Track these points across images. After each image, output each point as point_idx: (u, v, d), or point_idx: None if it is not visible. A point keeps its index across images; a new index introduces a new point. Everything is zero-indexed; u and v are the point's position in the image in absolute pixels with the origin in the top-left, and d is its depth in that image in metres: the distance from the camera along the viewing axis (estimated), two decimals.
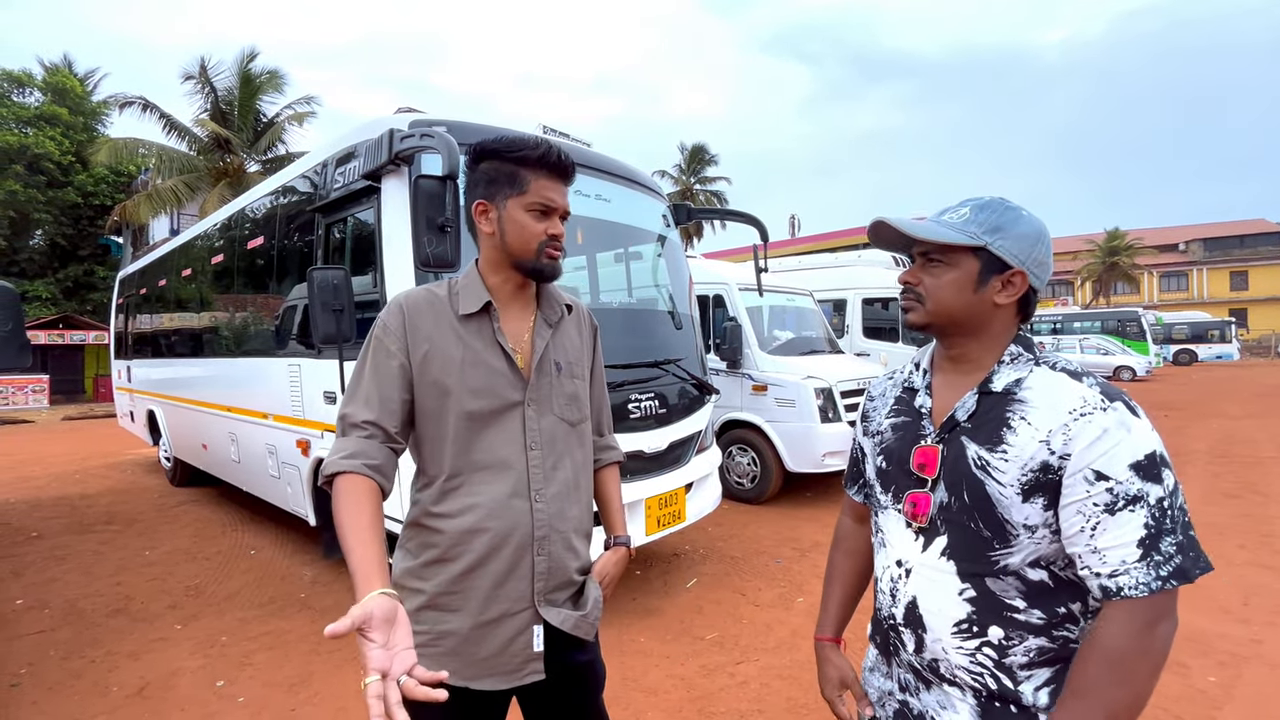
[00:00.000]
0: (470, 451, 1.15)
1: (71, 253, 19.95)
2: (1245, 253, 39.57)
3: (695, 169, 30.96)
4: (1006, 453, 0.87)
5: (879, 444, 1.06)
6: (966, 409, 0.93)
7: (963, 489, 0.90)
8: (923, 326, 0.97)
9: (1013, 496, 0.86)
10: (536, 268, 1.18)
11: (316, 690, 2.72)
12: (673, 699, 2.61)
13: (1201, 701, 2.52)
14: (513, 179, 1.15)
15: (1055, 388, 0.88)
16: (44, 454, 9.66)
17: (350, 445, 1.09)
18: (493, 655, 1.13)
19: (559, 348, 1.25)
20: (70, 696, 2.71)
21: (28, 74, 19.77)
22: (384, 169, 2.98)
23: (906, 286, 0.98)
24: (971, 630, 0.89)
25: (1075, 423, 0.83)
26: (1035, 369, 0.91)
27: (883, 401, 1.10)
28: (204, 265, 5.63)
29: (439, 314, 1.17)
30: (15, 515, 5.88)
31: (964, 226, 0.92)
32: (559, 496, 1.20)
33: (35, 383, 17.61)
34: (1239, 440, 8.69)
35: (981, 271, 0.91)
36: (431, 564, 1.14)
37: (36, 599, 3.82)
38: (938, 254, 0.93)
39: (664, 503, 3.45)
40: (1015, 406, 0.89)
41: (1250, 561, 4.06)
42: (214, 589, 3.95)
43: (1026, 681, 0.87)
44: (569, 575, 1.21)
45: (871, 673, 1.09)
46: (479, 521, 1.13)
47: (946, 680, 0.93)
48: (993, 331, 0.94)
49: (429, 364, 1.14)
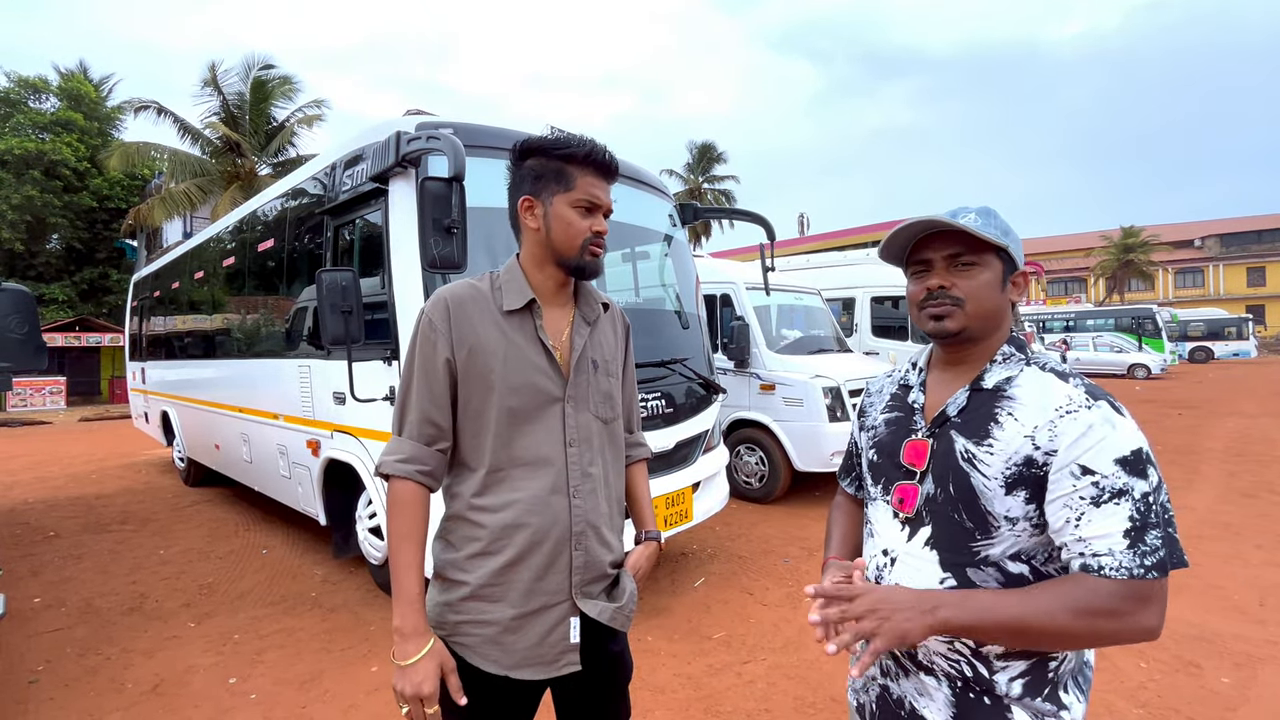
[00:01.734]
0: (511, 446, 1.16)
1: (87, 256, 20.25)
2: (1263, 248, 38.98)
3: (703, 167, 30.91)
4: (992, 446, 0.90)
5: (873, 438, 1.10)
6: (958, 404, 0.97)
7: (949, 481, 0.93)
8: (958, 332, 0.96)
9: (996, 489, 0.89)
10: (579, 264, 1.19)
11: (327, 688, 2.75)
12: (680, 698, 2.62)
13: (1215, 703, 2.49)
14: (559, 175, 1.16)
15: (1043, 386, 0.91)
16: (61, 454, 9.80)
17: (405, 448, 1.15)
18: (532, 646, 1.16)
19: (596, 346, 1.27)
20: (86, 693, 2.76)
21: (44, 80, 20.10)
22: (391, 171, 3.00)
23: (940, 291, 0.95)
24: None
25: (1061, 419, 0.86)
26: (1026, 368, 0.95)
27: (879, 398, 1.14)
28: (215, 268, 5.70)
29: (483, 309, 1.18)
30: (33, 515, 5.98)
31: (987, 229, 0.93)
32: (594, 493, 1.22)
33: (53, 384, 17.90)
34: (1256, 439, 8.56)
35: (1004, 272, 0.96)
36: (474, 556, 1.16)
37: (54, 597, 3.88)
38: (970, 256, 0.94)
39: (671, 502, 3.45)
40: (1004, 403, 0.92)
41: (1267, 561, 4.00)
42: (227, 587, 3.99)
43: (1001, 672, 0.90)
44: (604, 569, 1.24)
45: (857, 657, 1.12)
46: (520, 517, 1.15)
47: (924, 668, 0.96)
48: (1002, 331, 0.98)
49: (474, 359, 1.15)
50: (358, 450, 3.43)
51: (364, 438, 3.37)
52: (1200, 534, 4.59)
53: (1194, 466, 6.93)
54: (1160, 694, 2.56)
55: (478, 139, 2.95)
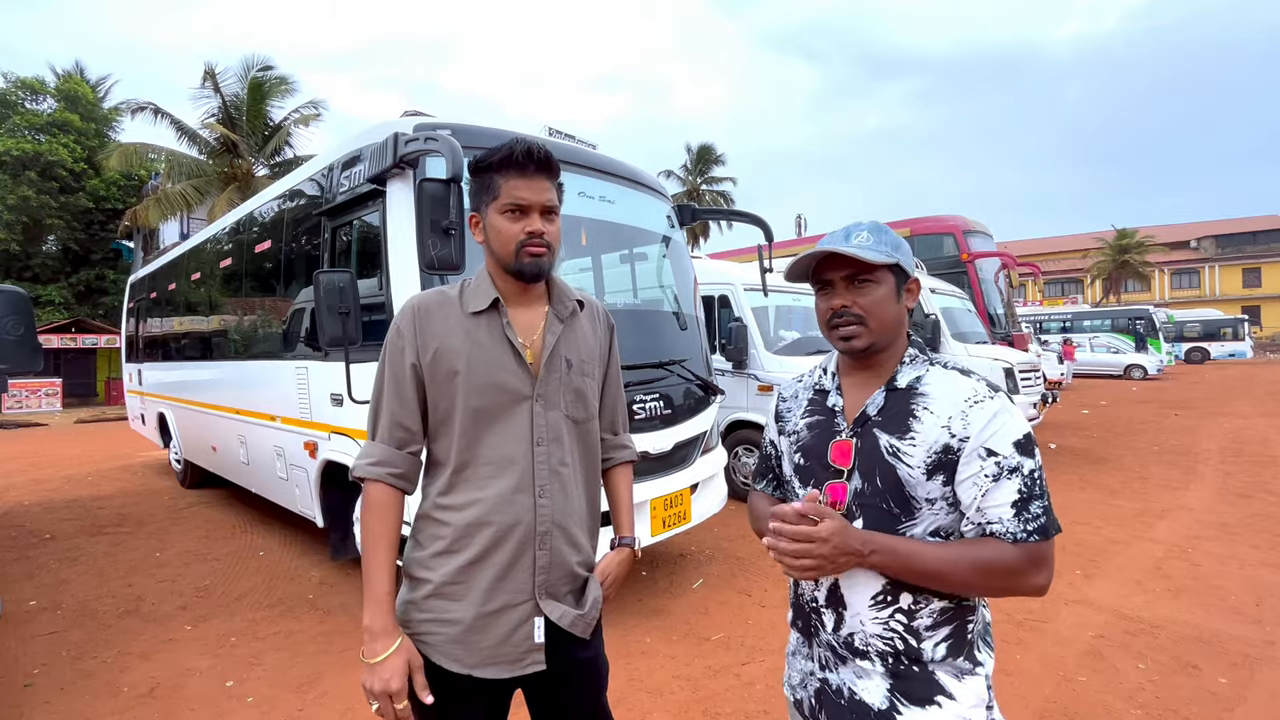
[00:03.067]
0: (477, 446, 1.18)
1: (84, 257, 20.17)
2: (1258, 249, 39.10)
3: (702, 169, 30.93)
4: (914, 439, 1.00)
5: (795, 442, 1.16)
6: (876, 404, 1.06)
7: (876, 475, 1.03)
8: (866, 348, 1.05)
9: (919, 476, 0.99)
10: (517, 268, 1.19)
11: (325, 690, 2.74)
12: (678, 699, 2.61)
13: (1212, 703, 2.50)
14: (489, 186, 1.19)
15: (950, 382, 1.02)
16: (57, 457, 9.76)
17: (377, 451, 1.18)
18: (495, 645, 1.16)
19: (570, 344, 1.27)
20: (82, 696, 2.74)
21: (40, 81, 20.03)
22: (389, 172, 3.00)
23: (844, 310, 1.05)
24: (886, 600, 1.01)
25: (971, 409, 0.98)
26: (931, 368, 1.06)
27: (795, 403, 1.21)
28: (213, 269, 5.68)
29: (448, 313, 1.20)
30: (29, 517, 5.95)
31: (878, 248, 1.03)
32: (563, 493, 1.22)
33: (48, 386, 17.82)
34: (1252, 440, 8.59)
35: (896, 284, 1.06)
36: (439, 555, 1.18)
37: (49, 600, 3.86)
38: (866, 274, 1.04)
39: (669, 504, 3.45)
40: (918, 399, 1.03)
41: (1263, 562, 4.01)
42: (224, 590, 3.98)
43: (928, 640, 1.00)
44: (570, 569, 1.24)
45: (794, 656, 1.18)
46: (483, 515, 1.17)
47: (860, 654, 1.04)
48: (901, 336, 1.09)
49: (439, 361, 1.18)
50: (355, 452, 3.42)
51: (362, 439, 3.36)
52: (1197, 535, 4.60)
53: (1190, 467, 6.95)
54: (1158, 695, 2.56)
55: (476, 140, 2.95)
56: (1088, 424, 10.53)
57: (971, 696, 0.99)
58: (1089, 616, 3.30)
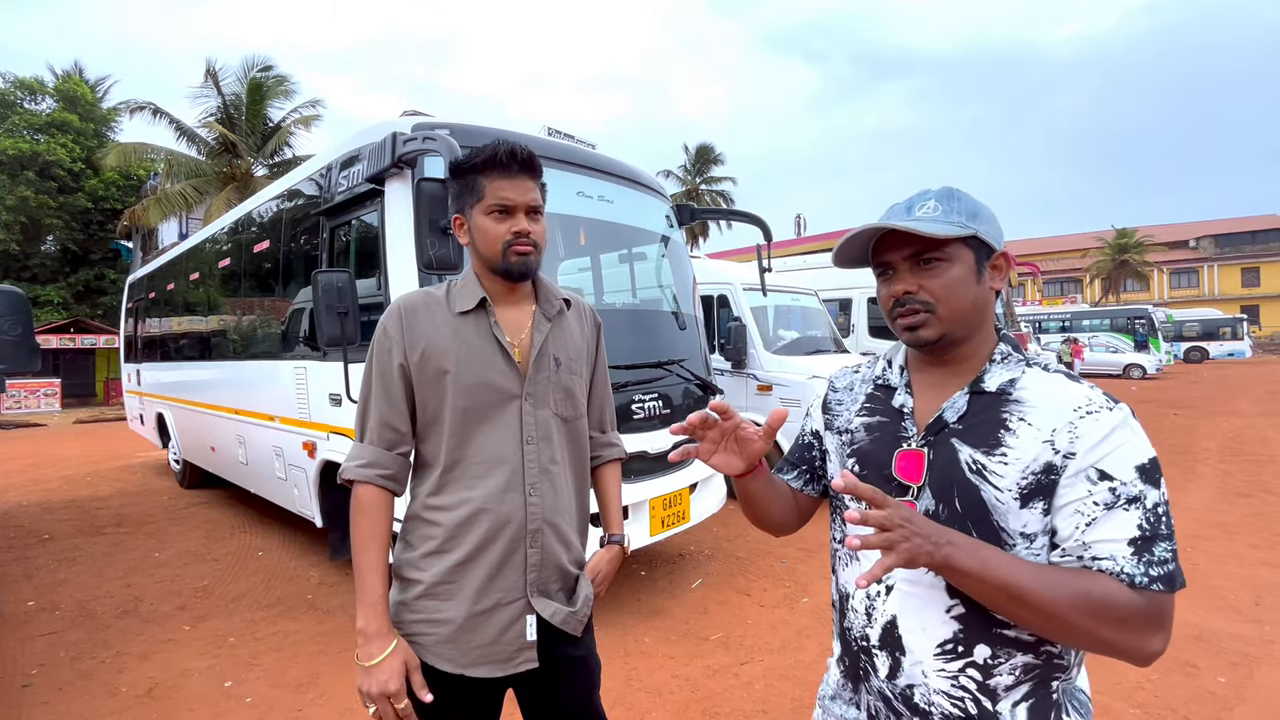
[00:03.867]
0: (466, 445, 1.18)
1: (83, 257, 20.15)
2: (1257, 249, 39.13)
3: (701, 169, 30.93)
4: (1006, 455, 0.81)
5: (848, 444, 0.98)
6: (957, 410, 0.87)
7: (954, 496, 0.84)
8: (937, 340, 0.87)
9: (1010, 502, 0.80)
10: (505, 268, 1.19)
11: (323, 690, 2.74)
12: (677, 699, 2.61)
13: (1211, 703, 2.50)
14: (473, 188, 1.19)
15: (1055, 387, 0.83)
16: (56, 457, 9.75)
17: (366, 453, 1.17)
18: (487, 644, 1.16)
19: (558, 342, 1.27)
20: (80, 697, 2.74)
21: (39, 81, 20.01)
22: (387, 172, 3.00)
23: (907, 298, 0.87)
24: (957, 650, 0.83)
25: (1082, 420, 0.78)
26: (1028, 369, 0.86)
27: (850, 396, 1.03)
28: (211, 269, 5.68)
29: (435, 313, 1.20)
30: (28, 518, 5.94)
31: (948, 218, 0.85)
32: (553, 491, 1.23)
33: (47, 386, 17.80)
34: (1251, 438, 8.60)
35: (977, 261, 0.87)
36: (429, 555, 1.17)
37: (48, 600, 3.86)
38: (934, 252, 0.85)
39: (668, 503, 3.45)
40: (1012, 407, 0.83)
41: (1262, 561, 4.01)
42: (222, 590, 3.98)
43: (1005, 700, 0.82)
44: (561, 567, 1.24)
45: (833, 701, 1.00)
46: (473, 514, 1.16)
47: (920, 713, 0.86)
48: (987, 324, 0.89)
49: (426, 362, 1.17)
50: None
51: None
52: (1196, 534, 4.60)
53: (1190, 466, 6.96)
54: (1157, 694, 2.56)
55: (474, 140, 2.91)
56: None
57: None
58: None
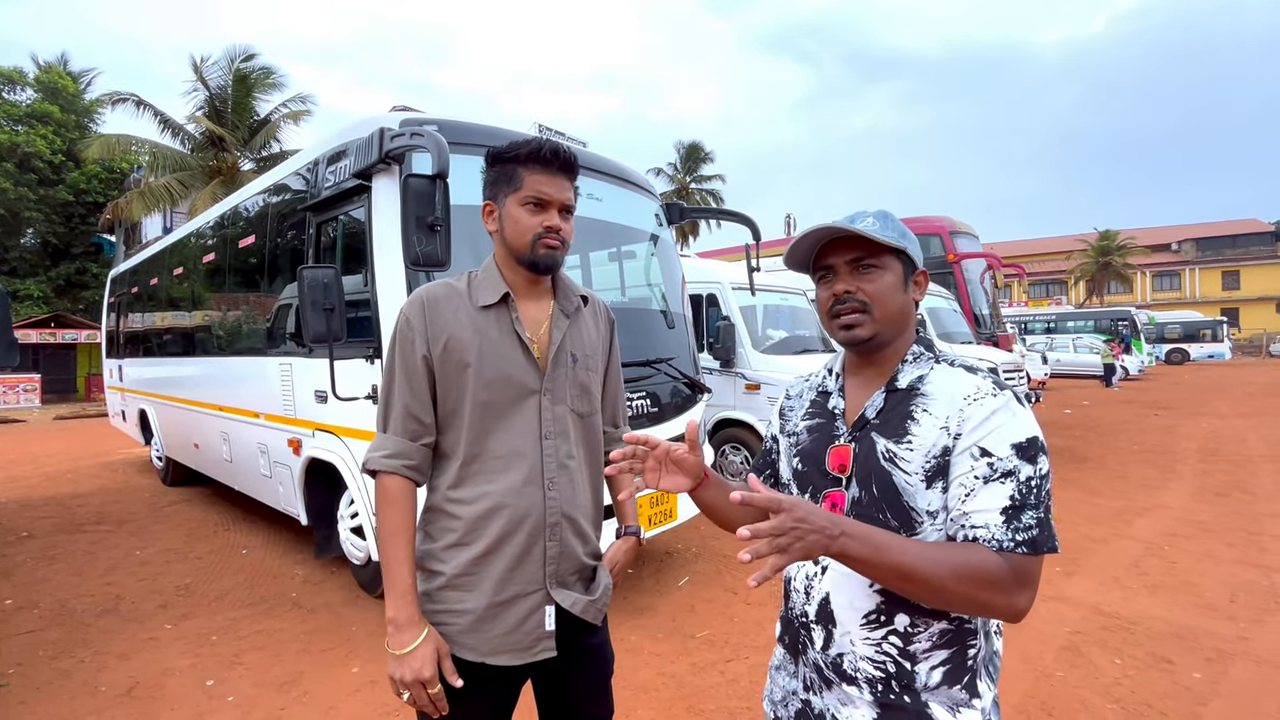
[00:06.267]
0: (485, 439, 1.19)
1: (64, 251, 19.85)
2: (1237, 252, 39.81)
3: (691, 167, 31.00)
4: (912, 443, 0.92)
5: (794, 445, 1.09)
6: (875, 406, 0.98)
7: (873, 482, 0.95)
8: (870, 338, 0.97)
9: (917, 484, 0.91)
10: (533, 260, 1.21)
11: (307, 689, 2.72)
12: (663, 696, 2.62)
13: (1187, 698, 2.54)
14: (509, 177, 1.20)
15: (953, 380, 0.94)
16: (36, 454, 9.60)
17: (390, 444, 1.18)
18: (507, 633, 1.18)
19: (575, 339, 1.29)
20: (59, 696, 2.71)
21: (19, 71, 19.66)
22: (375, 168, 2.98)
23: (847, 296, 0.97)
24: (879, 620, 0.93)
25: (969, 406, 0.89)
26: (936, 365, 0.98)
27: (799, 403, 1.14)
28: (196, 264, 5.61)
29: (458, 306, 1.21)
30: (6, 515, 5.85)
31: (885, 233, 0.95)
32: (570, 485, 1.25)
33: (27, 382, 17.53)
34: (1229, 439, 8.75)
35: (904, 273, 0.99)
36: (450, 547, 1.19)
37: (26, 599, 3.80)
38: (872, 259, 0.96)
39: (655, 501, 3.45)
40: (918, 400, 0.94)
41: (1238, 559, 4.09)
42: (205, 588, 3.94)
43: (923, 663, 0.91)
44: (579, 560, 1.26)
45: (778, 671, 1.12)
46: (494, 508, 1.18)
47: (847, 679, 0.96)
48: (909, 332, 1.01)
49: (449, 354, 1.18)
50: (340, 449, 3.39)
51: (346, 436, 3.33)
52: (1174, 532, 4.68)
53: (1169, 466, 7.07)
54: (1134, 689, 2.61)
55: (462, 136, 2.93)
56: (1070, 424, 10.68)
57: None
58: (1067, 613, 3.35)
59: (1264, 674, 2.71)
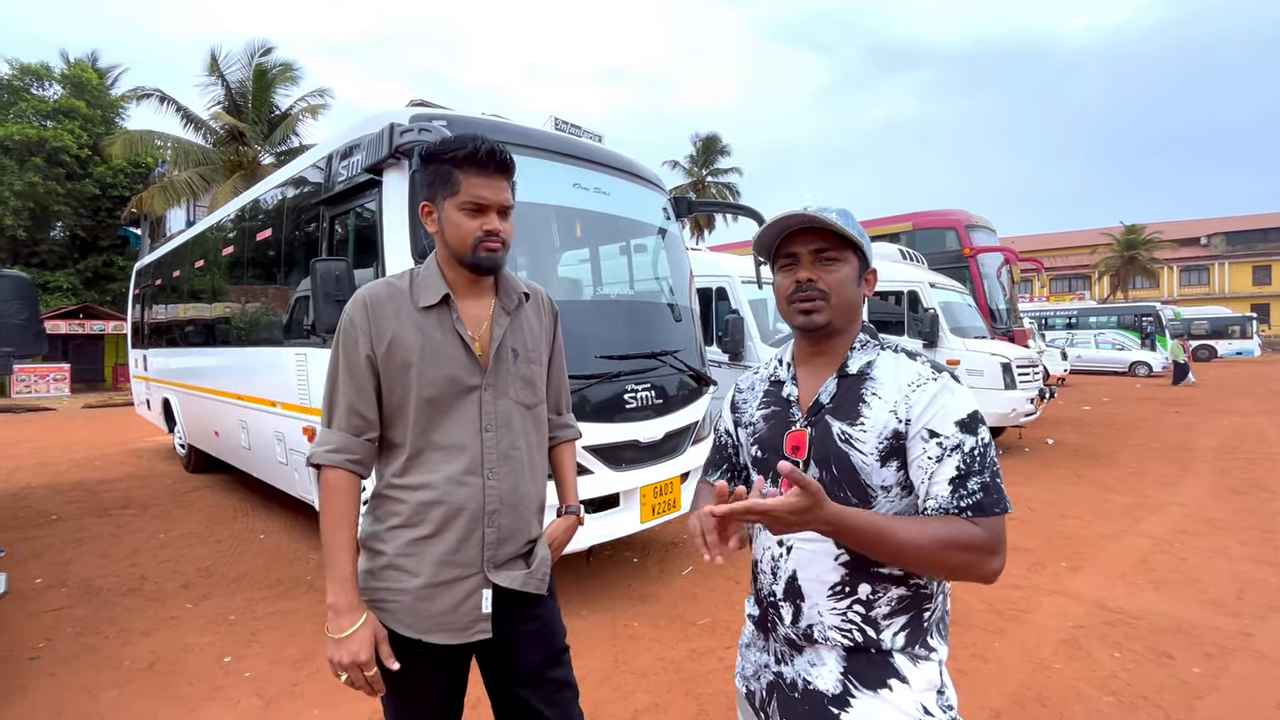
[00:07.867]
0: (430, 432, 1.24)
1: (91, 244, 20.31)
2: (1269, 246, 38.70)
3: (707, 160, 30.76)
4: (865, 425, 0.99)
5: (752, 434, 1.15)
6: (829, 392, 1.05)
7: (831, 463, 1.02)
8: (826, 324, 1.03)
9: (873, 463, 0.99)
10: (474, 262, 1.24)
11: (319, 667, 2.82)
12: (661, 680, 2.68)
13: (1184, 691, 2.55)
14: (446, 180, 1.21)
15: (897, 366, 1.02)
16: (65, 441, 9.90)
17: (334, 439, 1.23)
18: (444, 613, 1.23)
19: (516, 335, 1.33)
20: (85, 669, 2.84)
21: (46, 67, 20.08)
22: (385, 162, 3.05)
23: (809, 284, 1.03)
24: (844, 591, 1.00)
25: (913, 392, 0.97)
26: (881, 352, 1.06)
27: (752, 395, 1.19)
28: (216, 256, 5.75)
29: (399, 306, 1.25)
30: (36, 499, 6.07)
31: (848, 227, 1.01)
32: (512, 475, 1.29)
33: (56, 371, 18.02)
34: (1249, 436, 8.59)
35: (860, 267, 1.06)
36: (394, 529, 1.25)
37: (55, 578, 3.96)
38: (834, 251, 1.03)
39: (659, 491, 3.51)
40: (868, 384, 1.02)
41: (1250, 557, 4.05)
42: (224, 570, 4.07)
43: (886, 630, 1.00)
44: (518, 546, 1.32)
45: (748, 648, 1.18)
46: (435, 496, 1.23)
47: (816, 643, 1.03)
48: (857, 323, 1.09)
49: (393, 354, 1.23)
50: None
51: None
52: (1186, 529, 4.64)
53: (1186, 463, 6.97)
54: (1130, 682, 2.61)
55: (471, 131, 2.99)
56: (1088, 420, 10.53)
57: (923, 681, 0.98)
58: (1070, 607, 3.35)
59: (1264, 670, 2.70)
